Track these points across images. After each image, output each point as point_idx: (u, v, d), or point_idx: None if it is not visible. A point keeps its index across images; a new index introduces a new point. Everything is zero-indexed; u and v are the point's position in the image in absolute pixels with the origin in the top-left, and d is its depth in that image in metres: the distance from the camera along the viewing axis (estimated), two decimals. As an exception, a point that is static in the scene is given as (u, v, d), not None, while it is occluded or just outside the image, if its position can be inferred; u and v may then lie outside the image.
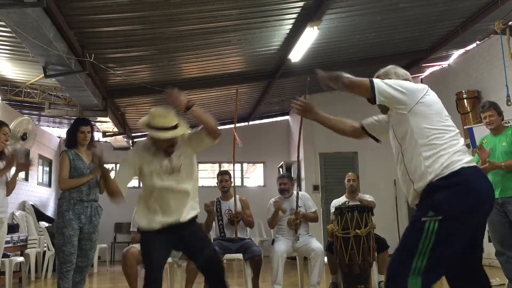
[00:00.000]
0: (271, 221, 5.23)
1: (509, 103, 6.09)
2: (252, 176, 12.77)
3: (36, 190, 9.93)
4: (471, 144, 7.04)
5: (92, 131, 4.21)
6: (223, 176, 5.26)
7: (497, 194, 4.26)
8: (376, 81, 2.29)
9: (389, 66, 2.61)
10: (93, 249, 4.08)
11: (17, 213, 8.10)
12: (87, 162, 4.07)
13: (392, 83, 2.32)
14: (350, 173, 5.77)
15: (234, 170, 5.54)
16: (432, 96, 2.35)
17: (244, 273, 4.89)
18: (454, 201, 2.10)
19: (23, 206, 8.80)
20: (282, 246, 4.95)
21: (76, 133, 4.08)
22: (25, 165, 4.44)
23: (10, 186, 4.26)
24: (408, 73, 2.58)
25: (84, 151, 4.12)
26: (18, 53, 6.26)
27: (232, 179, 5.28)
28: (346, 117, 2.82)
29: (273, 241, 5.23)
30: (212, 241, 5.28)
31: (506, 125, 4.57)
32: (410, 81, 2.49)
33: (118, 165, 3.26)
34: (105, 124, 9.02)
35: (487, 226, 5.35)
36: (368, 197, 5.56)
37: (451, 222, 2.09)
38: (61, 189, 3.98)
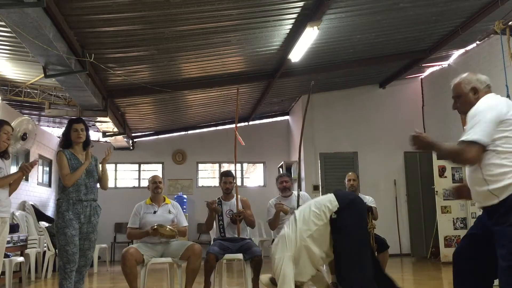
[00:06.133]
0: (273, 222, 5.20)
1: (509, 103, 6.07)
2: (252, 176, 12.76)
3: (36, 190, 9.93)
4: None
5: (86, 130, 4.14)
6: (228, 177, 5.22)
7: None
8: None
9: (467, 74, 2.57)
10: (92, 248, 4.07)
11: (17, 213, 8.10)
12: (83, 162, 4.04)
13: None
14: (350, 173, 5.76)
15: (236, 170, 5.52)
16: None
17: (244, 273, 4.89)
18: None
19: (23, 206, 8.80)
20: (282, 246, 4.91)
21: (69, 132, 4.05)
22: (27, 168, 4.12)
23: (12, 187, 4.19)
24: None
25: (79, 152, 4.09)
26: (18, 53, 6.26)
27: (235, 181, 5.27)
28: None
29: (273, 241, 5.21)
30: (212, 241, 5.28)
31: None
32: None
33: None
34: (105, 124, 9.03)
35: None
36: (370, 201, 5.49)
37: None
38: (67, 185, 3.91)
